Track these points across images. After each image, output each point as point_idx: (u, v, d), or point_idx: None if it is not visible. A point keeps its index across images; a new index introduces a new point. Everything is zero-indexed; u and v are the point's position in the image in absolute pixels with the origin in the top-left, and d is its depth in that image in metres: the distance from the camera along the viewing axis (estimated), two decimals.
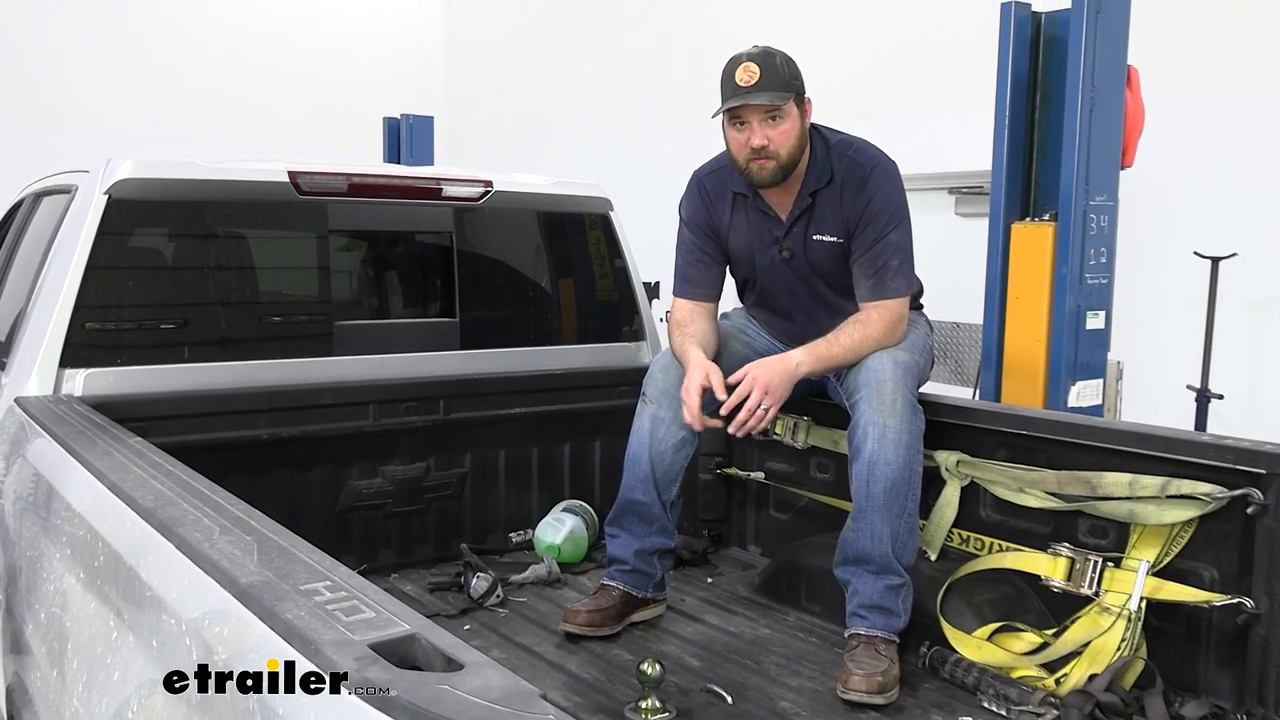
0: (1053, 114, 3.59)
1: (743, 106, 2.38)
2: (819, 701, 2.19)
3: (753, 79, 2.36)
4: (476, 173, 3.15)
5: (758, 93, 2.36)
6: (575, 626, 2.48)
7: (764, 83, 2.36)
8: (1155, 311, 5.05)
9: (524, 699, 0.93)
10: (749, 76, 2.36)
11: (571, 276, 3.38)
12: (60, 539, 1.79)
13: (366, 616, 1.11)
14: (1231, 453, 2.07)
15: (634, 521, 2.60)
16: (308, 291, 2.92)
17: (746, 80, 2.36)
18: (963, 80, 5.57)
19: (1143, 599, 2.15)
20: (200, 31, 9.42)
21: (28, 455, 2.15)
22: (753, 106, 2.38)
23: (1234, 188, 4.95)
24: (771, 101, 2.36)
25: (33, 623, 1.85)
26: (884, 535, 2.31)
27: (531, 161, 7.49)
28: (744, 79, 2.37)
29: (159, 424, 2.43)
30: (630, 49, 8.63)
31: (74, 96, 8.72)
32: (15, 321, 2.72)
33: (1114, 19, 3.45)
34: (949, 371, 5.18)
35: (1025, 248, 3.58)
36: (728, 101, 2.39)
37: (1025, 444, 2.44)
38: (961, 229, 5.81)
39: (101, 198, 2.55)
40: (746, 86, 2.36)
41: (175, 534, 1.40)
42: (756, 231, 2.59)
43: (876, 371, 2.37)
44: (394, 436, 2.89)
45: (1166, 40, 4.76)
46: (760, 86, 2.36)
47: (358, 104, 9.49)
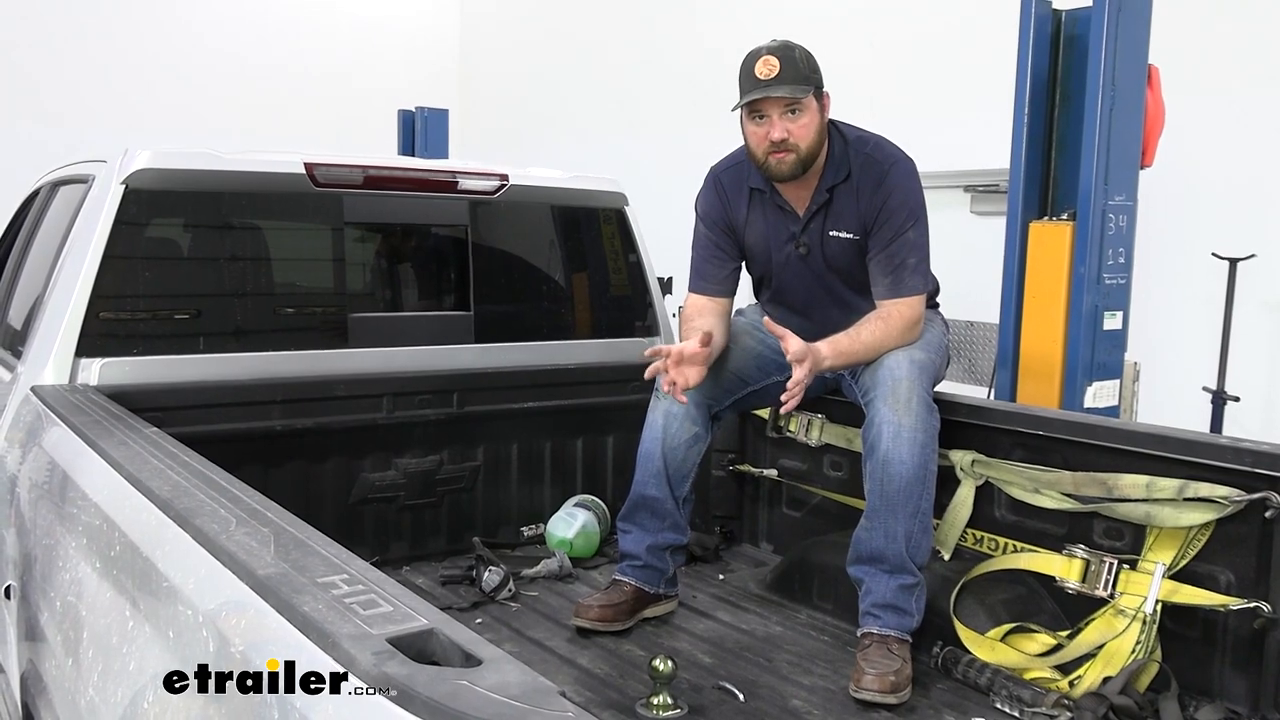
0: (1072, 112, 3.57)
1: (763, 99, 2.37)
2: (831, 700, 2.18)
3: (773, 72, 2.35)
4: (492, 166, 3.15)
5: (778, 85, 2.35)
6: (587, 621, 2.48)
7: (784, 75, 2.35)
8: (1173, 312, 5.02)
9: (543, 696, 0.92)
10: (769, 70, 2.35)
11: (586, 271, 3.37)
12: (76, 528, 1.80)
13: (384, 610, 1.11)
14: (1250, 455, 2.05)
15: (646, 517, 2.59)
16: (323, 283, 2.93)
17: (766, 73, 2.35)
18: (982, 78, 5.54)
19: (1158, 602, 2.13)
20: (216, 26, 9.46)
21: (44, 444, 2.16)
22: (773, 100, 2.37)
23: (1253, 189, 4.91)
24: (792, 94, 2.35)
25: (48, 611, 1.86)
26: (898, 534, 2.30)
27: (547, 155, 7.50)
28: (764, 72, 2.36)
29: (174, 414, 2.44)
30: (647, 42, 8.61)
31: (90, 94, 8.76)
32: (32, 310, 2.73)
33: (1135, 17, 3.43)
34: (963, 370, 5.16)
35: (1043, 247, 3.56)
36: (747, 95, 2.38)
37: (1041, 444, 2.42)
38: (977, 227, 5.79)
39: (119, 187, 2.56)
40: (766, 79, 2.35)
41: (192, 525, 1.40)
42: (773, 227, 2.58)
43: (892, 370, 2.36)
44: (407, 429, 2.89)
45: (1188, 39, 4.72)
46: (780, 79, 2.35)
47: (372, 97, 9.50)
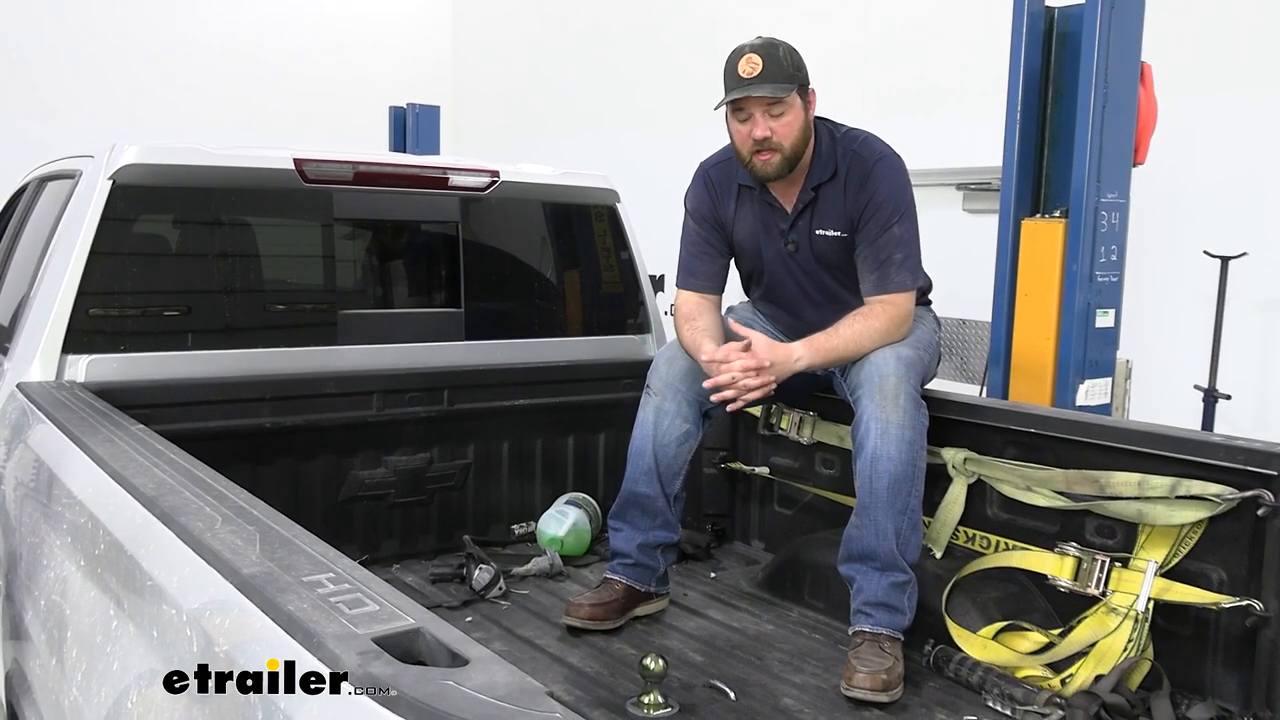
0: (1065, 110, 3.57)
1: (745, 98, 2.37)
2: (822, 698, 2.17)
3: (755, 70, 2.34)
4: (483, 162, 3.13)
5: (760, 84, 2.34)
6: (578, 620, 2.47)
7: (766, 74, 2.34)
8: (1165, 310, 5.03)
9: (530, 696, 0.91)
10: (751, 68, 2.35)
11: (577, 268, 3.36)
12: (61, 526, 1.78)
13: (370, 609, 1.09)
14: (1242, 453, 2.05)
15: (637, 515, 2.58)
16: (312, 280, 2.91)
17: (749, 71, 2.35)
18: (974, 75, 5.54)
19: (1150, 600, 2.13)
20: (207, 22, 9.42)
21: (29, 441, 2.14)
22: (755, 98, 2.36)
23: (1245, 187, 4.92)
24: (774, 93, 2.35)
25: (32, 609, 1.84)
26: (888, 531, 2.29)
27: (538, 151, 7.47)
28: (746, 70, 2.35)
29: (161, 411, 2.42)
30: (638, 38, 8.60)
31: (83, 89, 8.72)
32: (18, 307, 2.71)
33: (1128, 15, 3.43)
34: (955, 368, 5.15)
35: (1035, 244, 3.56)
36: (730, 93, 2.38)
37: (1033, 442, 2.42)
38: (969, 225, 5.79)
39: (106, 183, 2.54)
40: (749, 78, 2.35)
41: (177, 523, 1.39)
42: (762, 223, 2.57)
43: (880, 367, 2.36)
44: (397, 426, 2.88)
45: (1180, 37, 4.73)
46: (763, 78, 2.34)
47: (365, 93, 9.48)
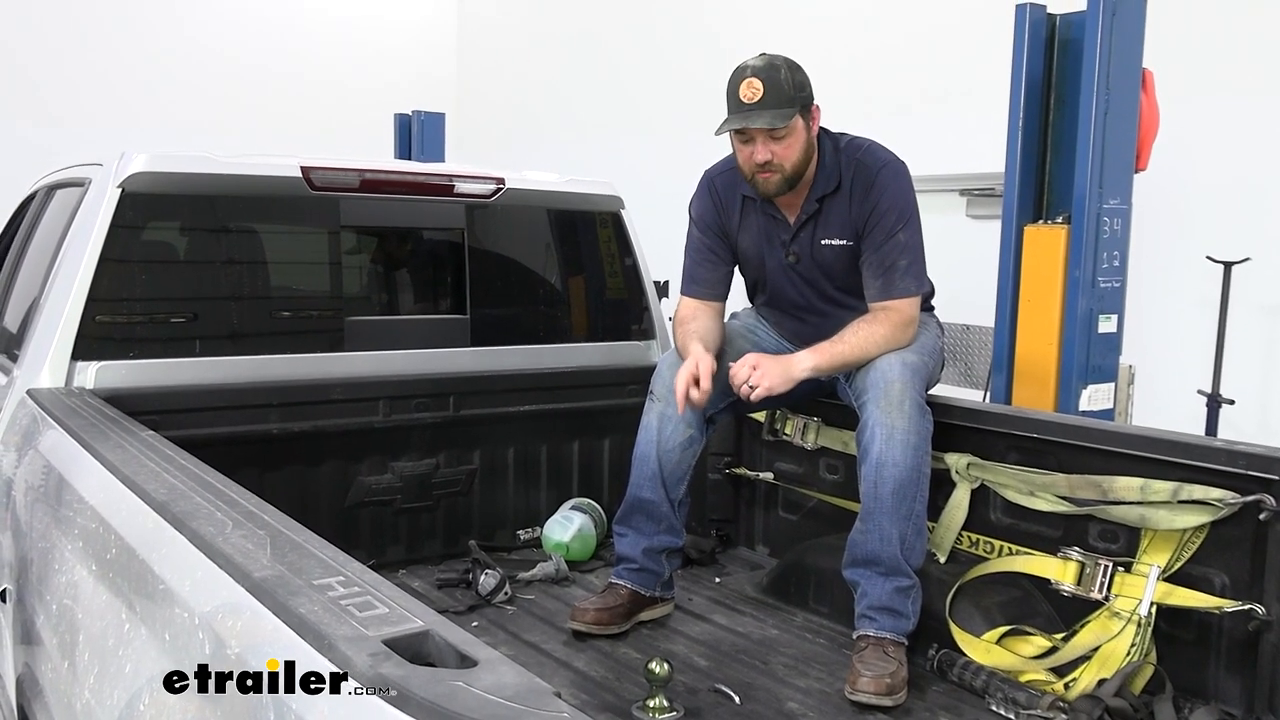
0: (1067, 116, 3.58)
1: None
2: (826, 703, 2.18)
3: (756, 96, 2.34)
4: (488, 170, 3.15)
5: (760, 113, 2.34)
6: (583, 625, 2.48)
7: (767, 99, 2.34)
8: (1167, 316, 5.03)
9: (538, 697, 0.93)
10: (752, 94, 2.34)
11: (582, 275, 3.38)
12: (72, 531, 1.79)
13: (380, 612, 1.11)
14: (1245, 458, 2.06)
15: (642, 520, 2.60)
16: (319, 287, 2.93)
17: (750, 97, 2.34)
18: (977, 82, 5.55)
19: (1153, 604, 2.14)
20: (213, 29, 9.44)
21: (40, 447, 2.16)
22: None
23: (1248, 192, 4.92)
24: (773, 123, 2.34)
25: (44, 614, 1.86)
26: (892, 536, 2.30)
27: (543, 159, 7.48)
28: (747, 96, 2.35)
29: (170, 417, 2.44)
30: (645, 45, 8.62)
31: (89, 96, 8.74)
32: (28, 313, 2.72)
33: (1129, 21, 3.44)
34: (959, 374, 5.16)
35: (1038, 250, 3.57)
36: (729, 121, 2.38)
37: (1036, 447, 2.43)
38: (972, 231, 5.80)
39: (115, 191, 2.56)
40: (750, 104, 2.34)
41: (188, 527, 1.40)
42: (765, 235, 2.59)
43: (884, 372, 2.37)
44: (404, 432, 2.89)
45: (1182, 43, 4.74)
46: (763, 104, 2.34)
47: (369, 101, 9.48)
